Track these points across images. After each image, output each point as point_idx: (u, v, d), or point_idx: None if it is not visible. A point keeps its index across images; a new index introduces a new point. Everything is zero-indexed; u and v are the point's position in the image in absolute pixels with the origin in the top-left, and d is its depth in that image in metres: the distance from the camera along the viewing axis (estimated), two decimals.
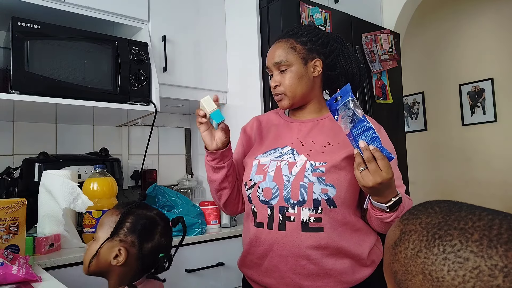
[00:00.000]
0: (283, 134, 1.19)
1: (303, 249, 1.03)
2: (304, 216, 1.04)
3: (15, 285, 0.86)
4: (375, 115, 2.01)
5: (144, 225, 0.90)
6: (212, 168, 1.16)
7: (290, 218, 1.05)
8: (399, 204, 0.96)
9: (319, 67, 1.15)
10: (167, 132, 2.21)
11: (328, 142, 1.11)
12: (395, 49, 2.20)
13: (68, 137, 1.89)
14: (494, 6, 3.23)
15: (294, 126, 1.19)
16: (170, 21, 1.83)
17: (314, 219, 1.04)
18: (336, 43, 1.18)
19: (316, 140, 1.13)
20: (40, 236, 1.24)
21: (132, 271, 0.90)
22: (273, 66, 1.15)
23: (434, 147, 3.60)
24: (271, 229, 1.07)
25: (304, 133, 1.16)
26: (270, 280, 1.09)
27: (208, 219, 1.65)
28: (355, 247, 1.07)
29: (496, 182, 3.15)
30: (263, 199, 1.09)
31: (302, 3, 1.81)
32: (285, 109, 1.21)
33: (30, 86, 1.38)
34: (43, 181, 1.34)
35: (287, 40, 1.17)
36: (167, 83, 1.79)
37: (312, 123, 1.18)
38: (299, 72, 1.13)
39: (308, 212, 1.04)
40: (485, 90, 3.29)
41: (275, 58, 1.15)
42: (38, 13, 1.52)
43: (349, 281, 1.06)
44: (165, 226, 0.95)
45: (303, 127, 1.18)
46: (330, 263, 1.04)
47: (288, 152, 1.12)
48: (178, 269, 1.45)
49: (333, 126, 1.15)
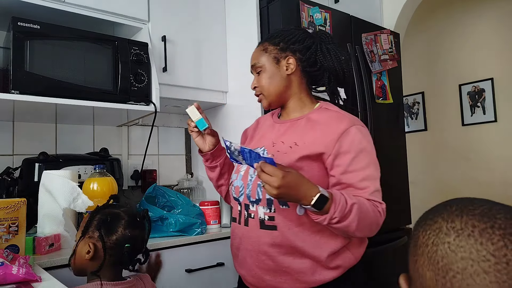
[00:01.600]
0: (266, 135, 1.24)
1: (261, 245, 1.10)
2: (260, 214, 1.11)
3: (15, 285, 0.86)
4: (375, 115, 2.01)
5: (106, 220, 0.99)
6: (207, 167, 1.34)
7: (251, 215, 1.13)
8: (324, 202, 0.96)
9: (292, 64, 1.17)
10: (167, 132, 2.21)
11: (295, 142, 1.13)
12: (395, 49, 2.20)
13: (68, 137, 1.89)
14: (494, 6, 3.23)
15: (276, 126, 1.23)
16: (170, 21, 1.83)
17: (268, 218, 1.10)
18: (312, 39, 1.19)
19: (286, 140, 1.16)
20: (40, 236, 1.24)
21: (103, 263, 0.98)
22: (251, 69, 1.24)
23: (434, 147, 3.60)
24: (239, 224, 1.18)
25: (280, 134, 1.19)
26: (242, 271, 1.19)
27: (208, 219, 1.65)
28: (312, 248, 1.07)
29: (496, 182, 3.15)
30: (235, 196, 1.20)
31: (302, 3, 1.81)
32: (265, 109, 1.29)
33: (30, 86, 1.38)
34: (43, 181, 1.34)
35: (261, 44, 1.24)
36: (167, 83, 1.79)
37: (290, 123, 1.20)
38: (271, 72, 1.19)
39: (263, 211, 1.11)
40: (485, 90, 3.29)
41: (250, 62, 1.24)
42: (38, 13, 1.52)
43: (307, 281, 1.08)
44: (130, 220, 1.01)
45: (282, 127, 1.21)
46: (286, 261, 1.08)
47: (260, 152, 1.16)
48: (178, 269, 1.45)
49: (306, 126, 1.16)
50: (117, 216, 1.01)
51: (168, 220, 1.49)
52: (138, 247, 1.03)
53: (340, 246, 1.10)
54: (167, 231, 1.48)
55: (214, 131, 1.28)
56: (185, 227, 1.50)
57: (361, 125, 1.13)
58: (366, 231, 1.06)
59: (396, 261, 2.07)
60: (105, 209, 1.04)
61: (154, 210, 1.50)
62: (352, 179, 1.06)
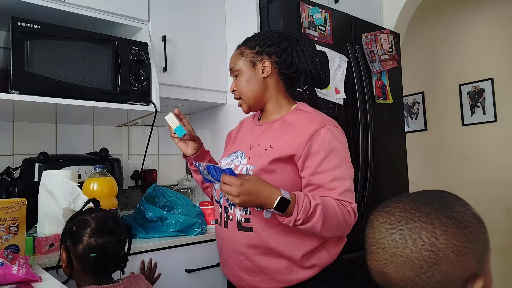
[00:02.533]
0: (245, 138, 1.26)
1: (239, 246, 1.13)
2: (237, 216, 1.14)
3: (15, 285, 0.86)
4: (375, 115, 2.01)
5: (71, 229, 0.99)
6: (193, 171, 1.40)
7: (230, 217, 1.16)
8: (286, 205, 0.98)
9: (268, 67, 1.19)
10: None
11: (270, 144, 1.14)
12: (395, 49, 2.20)
13: (68, 137, 1.89)
14: (494, 6, 3.23)
15: (255, 129, 1.26)
16: (170, 21, 1.83)
17: (244, 220, 1.12)
18: (288, 42, 1.20)
19: (262, 143, 1.17)
20: (40, 236, 1.24)
21: (78, 271, 0.98)
22: (230, 73, 1.27)
23: (434, 147, 3.60)
24: (221, 226, 1.21)
25: (257, 136, 1.21)
26: (225, 271, 1.24)
27: (208, 219, 1.65)
28: (287, 248, 1.10)
29: (496, 182, 3.15)
30: (216, 198, 1.24)
31: (302, 3, 1.81)
32: (246, 113, 1.28)
33: (30, 86, 1.38)
34: (43, 181, 1.34)
35: (239, 48, 1.26)
36: (167, 83, 1.79)
37: (266, 126, 1.22)
38: (248, 75, 1.21)
39: (240, 213, 1.13)
40: (485, 90, 3.29)
41: (229, 65, 1.26)
42: (38, 13, 1.52)
43: (284, 281, 1.11)
44: (98, 227, 0.98)
45: (259, 130, 1.23)
46: (263, 262, 1.11)
47: (238, 155, 1.20)
48: (178, 269, 1.45)
49: (281, 128, 1.17)
50: (85, 223, 0.99)
51: (168, 220, 1.49)
52: (109, 255, 0.98)
53: (315, 246, 1.11)
54: (167, 231, 1.48)
55: (195, 136, 1.34)
56: (185, 227, 1.50)
57: (333, 125, 1.13)
58: (334, 231, 1.07)
59: None
60: (77, 217, 1.02)
61: (154, 210, 1.50)
62: (321, 180, 1.07)
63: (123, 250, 1.03)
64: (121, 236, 1.02)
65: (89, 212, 1.03)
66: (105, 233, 0.98)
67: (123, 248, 1.03)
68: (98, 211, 1.04)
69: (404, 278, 0.58)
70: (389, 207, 0.63)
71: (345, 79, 1.95)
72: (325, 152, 1.08)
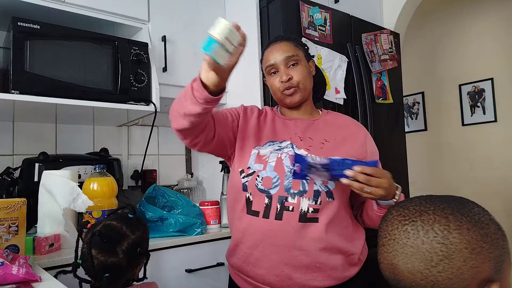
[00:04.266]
0: (279, 130, 1.20)
1: (298, 240, 1.05)
2: (303, 207, 1.06)
3: (15, 285, 0.86)
4: (375, 115, 2.01)
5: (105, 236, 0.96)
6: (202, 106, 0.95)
7: (289, 208, 1.06)
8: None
9: (313, 67, 1.24)
10: (167, 132, 2.21)
11: (325, 139, 1.15)
12: (395, 49, 2.20)
13: (68, 137, 1.89)
14: (494, 6, 3.23)
15: (289, 123, 1.22)
16: (170, 21, 1.83)
17: (313, 210, 1.06)
18: None
19: (313, 137, 1.16)
20: (40, 236, 1.24)
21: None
22: (282, 61, 1.17)
23: (434, 147, 3.60)
24: (266, 218, 1.07)
25: (301, 130, 1.19)
26: (260, 271, 1.08)
27: (208, 219, 1.65)
28: (346, 242, 1.10)
29: (496, 182, 3.15)
30: (262, 187, 1.09)
31: (302, 3, 1.81)
32: (294, 105, 1.21)
33: (30, 86, 1.38)
34: (43, 181, 1.34)
35: (288, 40, 1.23)
36: (167, 83, 1.79)
37: (307, 122, 1.22)
38: (307, 67, 1.21)
39: (308, 203, 1.06)
40: (485, 90, 3.29)
41: (285, 53, 1.17)
42: (38, 13, 1.52)
43: (338, 278, 1.09)
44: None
45: (299, 124, 1.21)
46: (322, 257, 1.06)
47: (288, 146, 1.14)
48: (178, 269, 1.45)
49: (327, 126, 1.20)
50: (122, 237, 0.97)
51: (168, 220, 1.49)
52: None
53: (364, 240, 1.16)
54: (167, 231, 1.48)
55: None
56: (185, 227, 1.50)
57: None
58: None
59: None
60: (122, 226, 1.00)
61: (154, 211, 1.50)
62: None
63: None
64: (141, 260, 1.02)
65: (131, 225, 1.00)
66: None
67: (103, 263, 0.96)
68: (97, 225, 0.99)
69: (413, 270, 0.56)
70: (405, 203, 0.63)
71: (345, 79, 1.95)
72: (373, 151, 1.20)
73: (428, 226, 0.56)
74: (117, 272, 0.95)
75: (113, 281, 0.94)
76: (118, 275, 0.95)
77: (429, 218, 0.57)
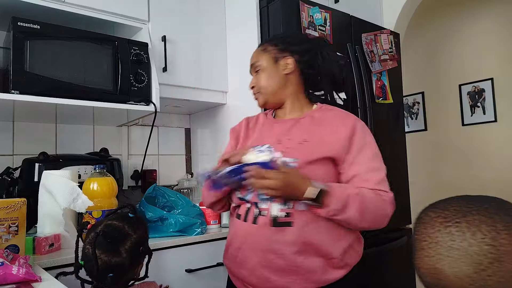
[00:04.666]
0: (265, 133, 1.23)
1: (272, 244, 1.07)
2: (273, 212, 1.08)
3: (15, 285, 0.86)
4: (375, 115, 2.01)
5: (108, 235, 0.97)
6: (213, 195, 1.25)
7: (261, 213, 1.10)
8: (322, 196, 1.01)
9: (290, 64, 1.21)
10: (167, 132, 2.21)
11: (304, 139, 1.14)
12: (395, 49, 2.20)
13: (68, 137, 1.89)
14: (494, 6, 3.23)
15: (276, 125, 1.24)
16: (170, 21, 1.83)
17: (286, 214, 1.08)
18: (310, 44, 1.24)
19: (293, 137, 1.16)
20: (40, 236, 1.24)
21: None
22: (250, 70, 1.27)
23: (434, 147, 3.59)
24: (245, 222, 1.13)
25: (284, 132, 1.19)
26: (243, 272, 1.13)
27: (208, 219, 1.65)
28: (327, 245, 1.08)
29: (496, 182, 3.15)
30: (240, 196, 1.16)
31: (302, 3, 1.81)
32: (261, 107, 1.28)
33: (30, 86, 1.38)
34: (43, 181, 1.34)
35: (261, 45, 1.28)
36: (167, 83, 1.79)
37: (292, 121, 1.21)
38: (270, 70, 1.22)
39: (279, 207, 1.08)
40: (485, 90, 3.29)
41: (252, 61, 1.26)
42: (38, 13, 1.52)
43: (318, 281, 1.07)
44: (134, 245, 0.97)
45: (284, 125, 1.22)
46: (298, 260, 1.06)
47: (265, 149, 1.16)
48: (178, 269, 1.45)
49: (311, 124, 1.19)
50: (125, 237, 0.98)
51: (168, 220, 1.49)
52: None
53: (350, 244, 1.12)
54: (167, 231, 1.48)
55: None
56: (185, 227, 1.50)
57: (363, 122, 1.20)
58: (372, 221, 1.08)
59: (396, 261, 2.07)
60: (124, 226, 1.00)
61: (154, 211, 1.50)
62: (357, 171, 1.10)
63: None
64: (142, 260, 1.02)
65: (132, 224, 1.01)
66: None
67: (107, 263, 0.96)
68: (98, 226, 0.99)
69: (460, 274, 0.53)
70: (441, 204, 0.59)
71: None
72: (362, 144, 1.12)
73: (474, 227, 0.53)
74: (120, 272, 0.95)
75: (116, 281, 0.94)
76: (120, 274, 0.96)
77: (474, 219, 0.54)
